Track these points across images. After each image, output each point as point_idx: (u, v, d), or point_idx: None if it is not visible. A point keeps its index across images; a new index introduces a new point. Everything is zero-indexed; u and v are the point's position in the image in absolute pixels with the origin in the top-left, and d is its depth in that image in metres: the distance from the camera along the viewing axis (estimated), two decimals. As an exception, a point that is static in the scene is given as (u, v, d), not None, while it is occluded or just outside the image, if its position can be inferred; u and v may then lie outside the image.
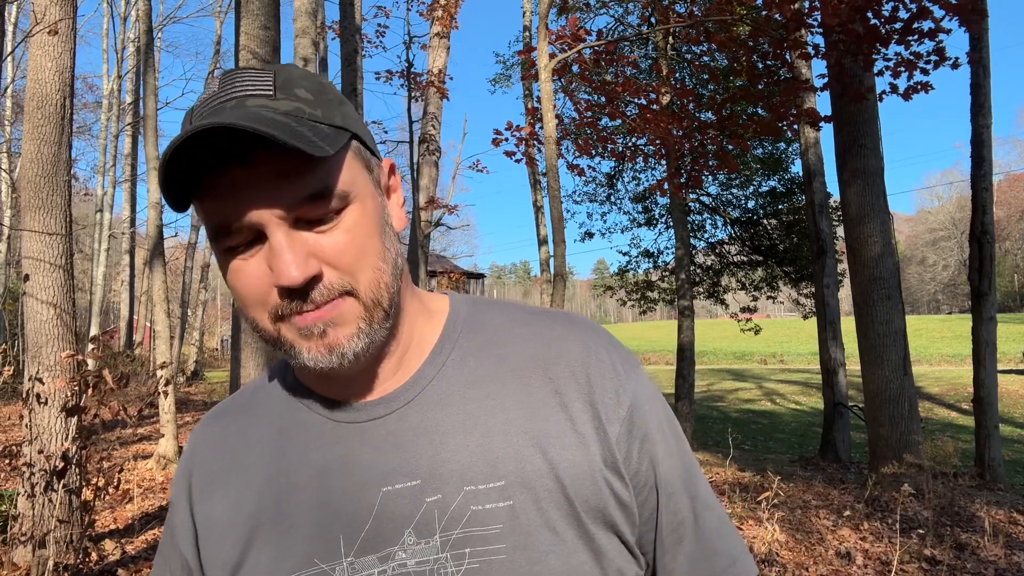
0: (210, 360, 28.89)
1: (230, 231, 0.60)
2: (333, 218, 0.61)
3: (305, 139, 0.56)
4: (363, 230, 0.62)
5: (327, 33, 12.78)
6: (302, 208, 0.59)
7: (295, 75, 0.64)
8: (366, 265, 0.62)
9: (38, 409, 4.32)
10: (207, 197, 0.59)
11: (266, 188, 0.58)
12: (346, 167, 0.62)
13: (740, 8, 6.62)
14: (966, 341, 8.17)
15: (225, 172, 0.58)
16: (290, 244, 0.59)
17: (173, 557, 0.74)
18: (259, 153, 0.57)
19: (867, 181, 7.09)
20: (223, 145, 0.57)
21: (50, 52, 4.61)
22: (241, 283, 0.62)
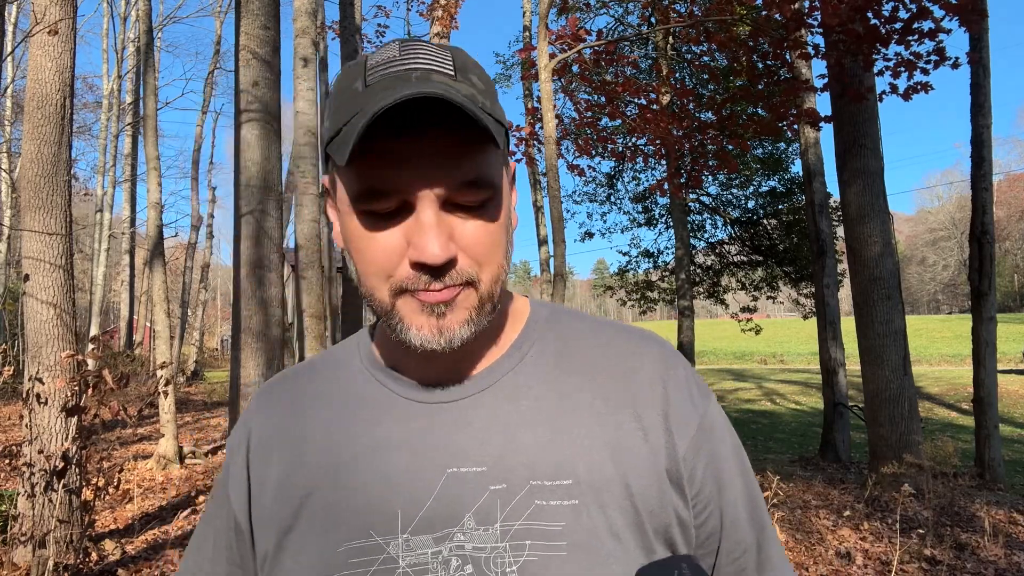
0: (210, 360, 28.88)
1: (380, 196, 0.60)
2: (477, 207, 0.62)
3: (489, 124, 0.57)
4: (498, 225, 0.63)
5: (327, 33, 12.78)
6: (458, 192, 0.60)
7: (468, 61, 0.65)
8: (493, 260, 0.63)
9: (38, 409, 4.32)
10: (371, 157, 0.60)
11: (431, 164, 0.59)
12: (498, 161, 0.64)
13: (740, 8, 6.62)
14: (966, 341, 8.17)
15: (398, 139, 0.59)
16: (438, 223, 0.60)
17: (220, 517, 0.74)
18: (433, 129, 0.59)
19: (867, 181, 7.09)
20: (403, 110, 0.58)
21: (50, 52, 4.61)
22: (372, 249, 0.62)
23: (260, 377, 6.12)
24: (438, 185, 0.59)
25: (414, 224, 0.60)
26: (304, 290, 9.28)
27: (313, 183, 9.51)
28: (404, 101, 0.56)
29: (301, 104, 9.39)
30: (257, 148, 6.28)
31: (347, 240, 0.66)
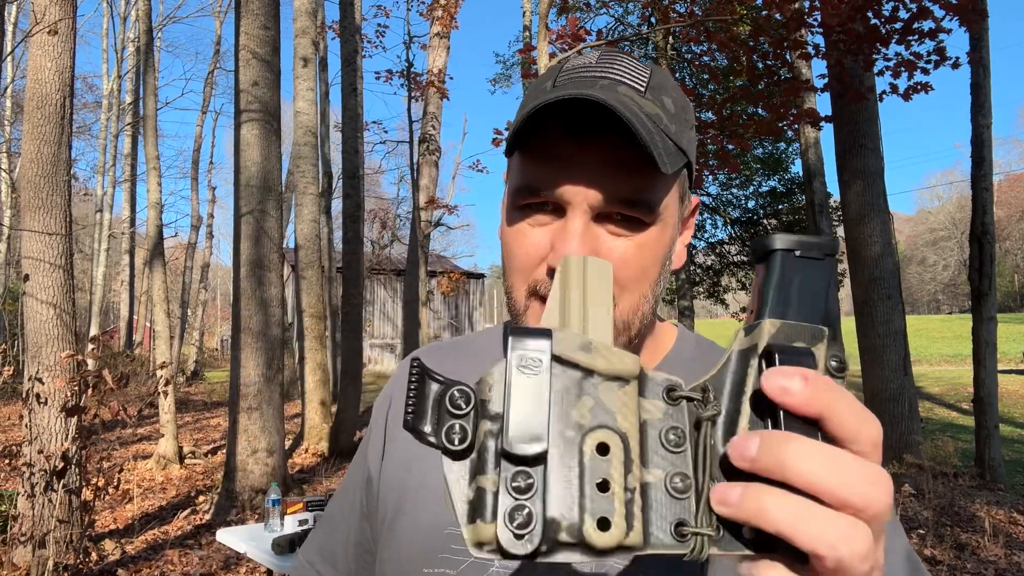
0: (210, 360, 28.87)
1: (535, 192, 0.61)
2: (632, 229, 0.61)
3: (657, 147, 0.56)
4: (652, 254, 0.62)
5: (327, 33, 12.77)
6: (613, 206, 0.59)
7: (668, 84, 0.64)
8: (637, 288, 0.62)
9: (38, 409, 4.31)
10: (536, 154, 0.60)
11: (592, 172, 0.59)
12: (667, 188, 0.62)
13: (740, 8, 6.62)
14: (966, 341, 8.17)
15: (565, 140, 0.59)
16: (583, 232, 0.59)
17: (359, 471, 0.79)
18: (603, 137, 0.58)
19: (867, 181, 7.08)
20: (575, 115, 0.58)
21: (50, 52, 4.61)
22: (518, 244, 0.63)
23: (260, 377, 6.12)
24: (592, 194, 0.59)
25: (560, 229, 0.60)
26: (304, 290, 9.27)
27: (313, 183, 9.51)
28: (574, 104, 0.56)
29: (301, 104, 9.39)
30: (257, 148, 6.27)
31: (501, 231, 0.66)
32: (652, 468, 0.32)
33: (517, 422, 0.31)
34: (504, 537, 0.30)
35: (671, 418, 0.33)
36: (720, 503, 0.30)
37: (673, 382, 0.34)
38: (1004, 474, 6.89)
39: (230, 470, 6.09)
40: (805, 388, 0.30)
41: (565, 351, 0.33)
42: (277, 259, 6.41)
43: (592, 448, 0.31)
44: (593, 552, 0.30)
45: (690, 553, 0.31)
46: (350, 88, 9.94)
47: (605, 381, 0.33)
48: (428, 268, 10.16)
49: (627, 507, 0.30)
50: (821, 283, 0.35)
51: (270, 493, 3.57)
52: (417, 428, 0.33)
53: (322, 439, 8.92)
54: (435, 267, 20.84)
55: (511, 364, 0.32)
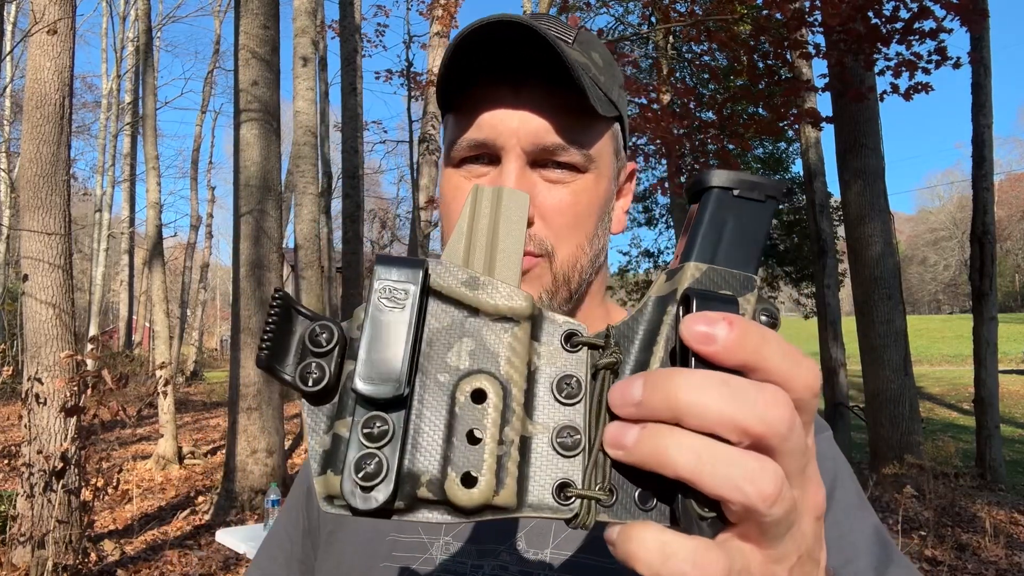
0: (209, 360, 28.87)
1: (468, 145, 0.60)
2: (567, 177, 0.60)
3: (588, 87, 0.55)
4: (587, 203, 0.60)
5: (327, 32, 12.77)
6: (547, 151, 0.58)
7: (595, 41, 0.64)
8: (573, 237, 0.60)
9: (37, 409, 4.30)
10: (467, 103, 0.59)
11: (523, 116, 0.58)
12: (601, 139, 0.61)
13: (741, 7, 6.61)
14: (967, 341, 8.16)
15: (493, 86, 0.58)
16: (518, 178, 0.58)
17: (299, 488, 0.78)
18: (532, 82, 0.57)
19: (868, 181, 7.08)
20: (500, 60, 0.56)
21: (49, 52, 4.60)
22: (453, 198, 0.61)
23: (259, 377, 6.11)
24: (526, 136, 0.58)
25: (496, 176, 0.59)
26: (304, 290, 9.27)
27: (313, 183, 9.51)
28: (499, 45, 0.54)
29: (300, 103, 9.39)
30: (256, 148, 6.26)
31: (440, 199, 0.65)
32: (538, 421, 0.28)
33: (370, 360, 0.27)
34: (347, 489, 0.26)
35: (567, 366, 0.29)
36: (613, 445, 0.26)
37: (573, 327, 0.30)
38: (1005, 474, 6.88)
39: (229, 470, 6.08)
40: (729, 334, 0.26)
41: (446, 286, 0.29)
42: (277, 259, 6.40)
43: (467, 395, 0.28)
44: (458, 511, 0.27)
45: (574, 519, 0.27)
46: (350, 88, 9.94)
47: (492, 321, 0.29)
48: (428, 268, 10.15)
49: (499, 462, 0.27)
50: (759, 227, 0.31)
51: (270, 493, 3.56)
52: (272, 367, 0.29)
53: (322, 439, 8.91)
54: (435, 267, 20.80)
55: (372, 296, 0.28)
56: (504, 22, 0.53)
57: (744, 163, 13.42)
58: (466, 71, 0.57)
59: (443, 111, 0.63)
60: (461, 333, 0.29)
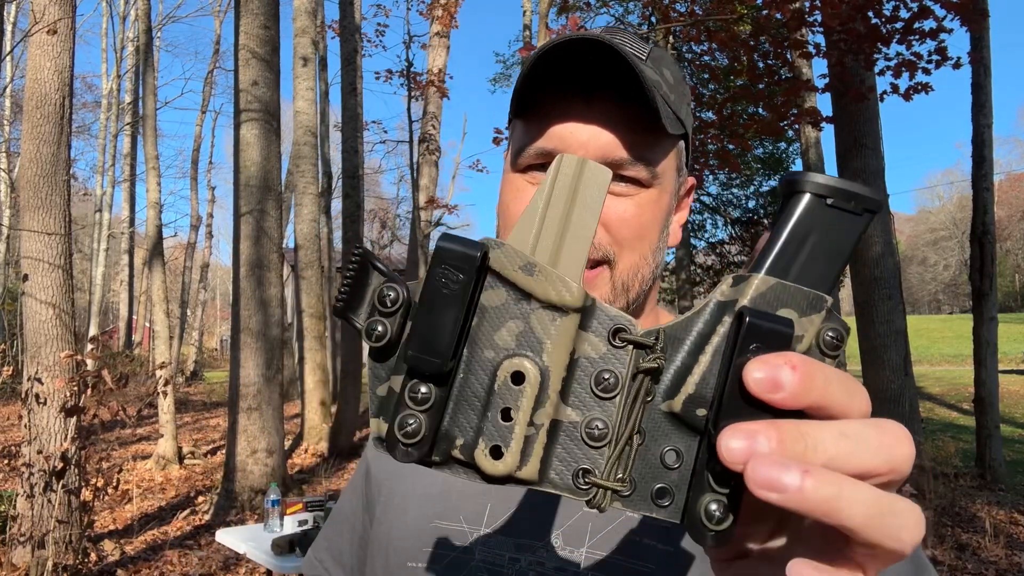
0: (209, 360, 28.87)
1: (536, 153, 0.61)
2: (632, 190, 0.61)
3: (660, 105, 0.57)
4: (651, 215, 0.62)
5: (327, 32, 12.77)
6: (614, 165, 0.59)
7: (668, 58, 0.65)
8: (636, 247, 0.62)
9: (37, 409, 4.30)
10: (539, 112, 0.61)
11: (594, 131, 0.59)
12: (667, 156, 0.63)
13: (741, 7, 6.61)
14: (967, 341, 8.16)
15: (566, 98, 0.59)
16: None
17: (362, 464, 0.80)
18: (605, 97, 0.59)
19: (868, 181, 7.07)
20: (576, 74, 0.58)
21: (49, 52, 4.60)
22: (516, 202, 0.63)
23: (260, 377, 6.11)
24: (595, 147, 0.59)
25: None
26: (304, 290, 9.26)
27: (313, 183, 9.50)
28: (576, 57, 0.56)
29: (301, 103, 9.39)
30: (256, 148, 6.26)
31: (499, 202, 0.66)
32: (572, 408, 0.30)
33: (422, 334, 0.29)
34: (391, 440, 0.29)
35: (609, 360, 0.30)
36: (768, 488, 0.24)
37: (623, 323, 0.30)
38: (1005, 474, 6.88)
39: (229, 470, 6.08)
40: (794, 380, 0.25)
41: (504, 268, 0.30)
42: (277, 259, 6.40)
43: (507, 374, 0.29)
44: (484, 477, 0.29)
45: (589, 502, 0.29)
46: (350, 88, 9.93)
47: (541, 308, 0.30)
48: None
49: (526, 441, 0.29)
50: (846, 243, 0.29)
51: (269, 493, 3.56)
52: (347, 315, 0.31)
53: (322, 439, 8.91)
54: (435, 267, 20.81)
55: (431, 271, 0.29)
56: (583, 39, 0.55)
57: (744, 163, 13.42)
58: (541, 81, 0.59)
59: (513, 117, 0.64)
60: (512, 315, 0.30)
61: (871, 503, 0.24)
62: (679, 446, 0.29)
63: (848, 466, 0.25)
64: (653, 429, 0.29)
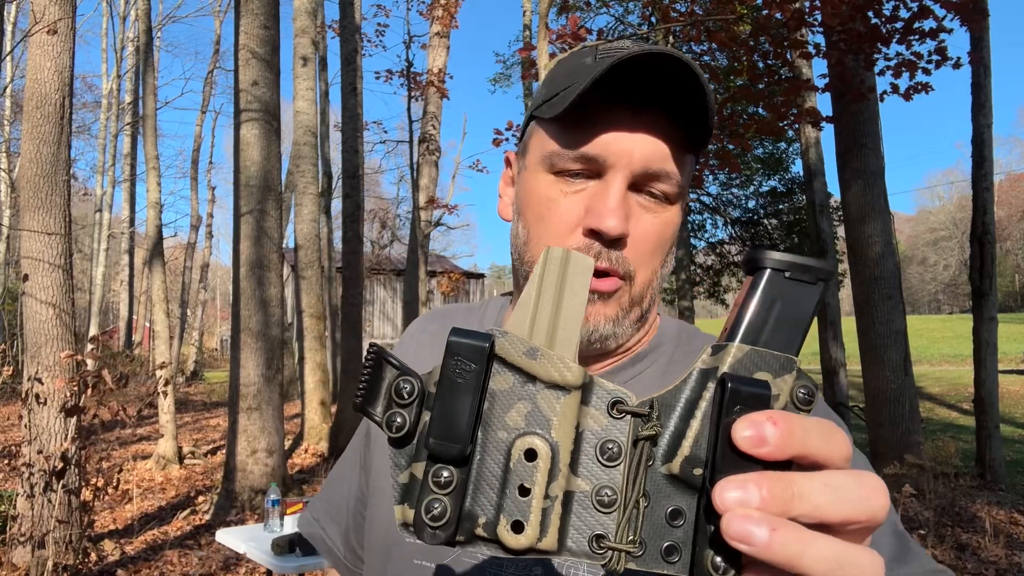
0: (209, 360, 28.87)
1: (577, 157, 0.61)
2: (659, 207, 0.62)
3: (711, 124, 0.58)
4: (669, 232, 0.64)
5: (327, 32, 12.77)
6: (651, 176, 0.60)
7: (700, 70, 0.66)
8: (652, 263, 0.63)
9: (37, 409, 4.30)
10: (581, 118, 0.61)
11: (638, 139, 0.59)
12: (688, 174, 0.64)
13: (741, 7, 6.61)
14: (967, 341, 8.16)
15: (614, 106, 0.60)
16: (622, 197, 0.60)
17: (362, 428, 0.80)
18: (653, 110, 0.59)
19: (868, 181, 7.08)
20: (629, 84, 0.58)
21: (49, 52, 4.60)
22: (552, 212, 0.63)
23: (260, 377, 6.11)
24: (639, 159, 0.59)
25: (599, 191, 0.61)
26: (304, 290, 9.26)
27: (313, 183, 9.50)
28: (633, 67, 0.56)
29: (301, 103, 9.38)
30: (257, 148, 6.26)
31: (524, 202, 0.66)
32: (582, 479, 0.32)
33: (441, 423, 0.31)
34: (418, 524, 0.31)
35: (610, 431, 0.32)
36: (740, 540, 0.27)
37: (620, 396, 0.33)
38: (1005, 474, 6.88)
39: (230, 470, 6.09)
40: (776, 434, 0.28)
41: (509, 354, 0.33)
42: (277, 259, 6.40)
43: (520, 452, 0.31)
44: (507, 549, 0.31)
45: (605, 566, 0.31)
46: (350, 88, 9.93)
47: (546, 388, 0.32)
48: (428, 268, 10.15)
49: (544, 513, 0.31)
50: (805, 309, 0.33)
51: (270, 493, 3.56)
52: (366, 410, 0.34)
53: (322, 439, 8.91)
54: (435, 267, 20.84)
55: (446, 363, 0.32)
56: (666, 55, 0.56)
57: (744, 163, 13.42)
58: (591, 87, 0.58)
59: (544, 116, 0.63)
60: (520, 396, 0.33)
61: (832, 557, 0.27)
62: (681, 505, 0.32)
63: (830, 515, 0.27)
64: (656, 491, 0.32)
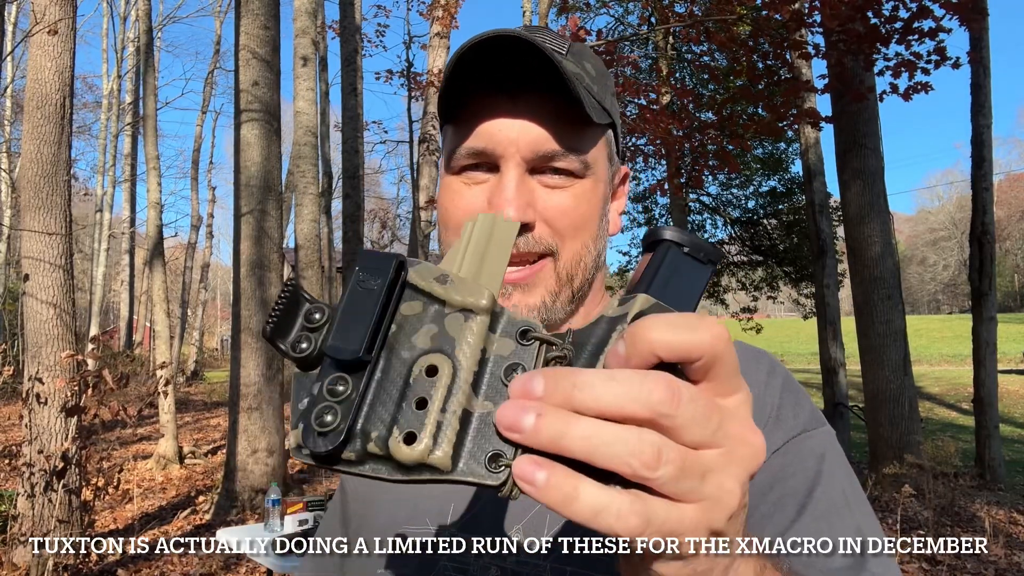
0: (210, 360, 28.85)
1: (468, 153, 0.62)
2: (566, 182, 0.62)
3: (584, 96, 0.57)
4: (588, 205, 0.63)
5: (327, 32, 12.77)
6: (546, 159, 0.60)
7: (588, 52, 0.66)
8: (578, 237, 0.63)
9: (38, 409, 4.31)
10: (467, 114, 0.61)
11: (522, 125, 0.60)
12: (596, 146, 0.63)
13: (740, 8, 6.61)
14: (966, 341, 8.16)
15: (491, 96, 0.60)
16: (518, 185, 0.60)
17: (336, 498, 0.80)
18: (529, 93, 0.59)
19: (867, 181, 7.08)
20: (498, 72, 0.58)
21: (50, 52, 4.60)
22: (454, 205, 0.63)
23: (260, 377, 6.11)
24: (525, 144, 0.60)
25: (496, 183, 0.61)
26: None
27: (313, 183, 9.51)
28: (496, 56, 0.56)
29: (301, 104, 9.39)
30: (257, 148, 6.27)
31: (438, 204, 0.67)
32: (483, 399, 0.32)
33: (341, 328, 0.31)
34: (306, 435, 0.30)
35: (517, 356, 0.33)
36: (509, 429, 0.29)
37: (530, 324, 0.33)
38: (1004, 474, 6.89)
39: (230, 470, 6.09)
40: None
41: (420, 280, 0.34)
42: (277, 259, 6.41)
43: (422, 368, 0.32)
44: (399, 467, 0.31)
45: (501, 487, 0.30)
46: (350, 88, 9.94)
47: (454, 312, 0.33)
48: (428, 268, 10.15)
49: (439, 427, 0.30)
50: (697, 285, 0.36)
51: (270, 493, 3.56)
52: (273, 340, 0.34)
53: (322, 439, 8.91)
54: (435, 267, 20.78)
55: (353, 277, 0.32)
56: (501, 36, 0.56)
57: (744, 163, 13.42)
58: (465, 83, 0.59)
59: (443, 122, 0.65)
60: (428, 320, 0.33)
61: (589, 436, 0.28)
62: None
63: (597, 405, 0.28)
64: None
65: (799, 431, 0.63)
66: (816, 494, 0.60)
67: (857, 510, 0.61)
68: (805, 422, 0.64)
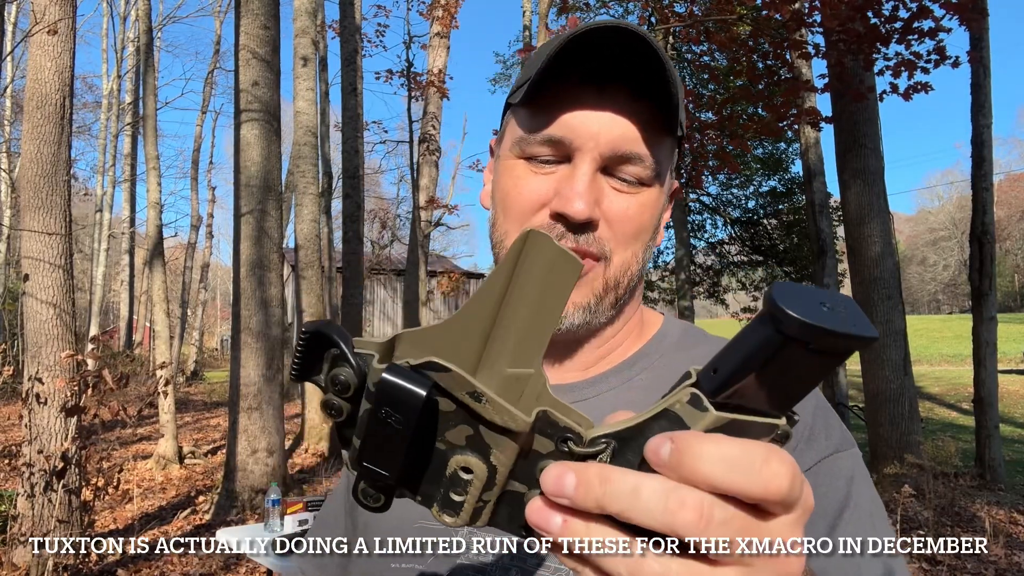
0: (210, 360, 28.86)
1: (543, 140, 0.60)
2: (635, 188, 0.61)
3: (680, 104, 0.57)
4: (649, 214, 0.62)
5: (327, 32, 12.78)
6: (622, 158, 0.59)
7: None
8: (631, 245, 0.62)
9: (38, 409, 4.31)
10: (550, 100, 0.59)
11: (604, 119, 0.58)
12: (667, 156, 0.63)
13: (740, 8, 6.61)
14: (966, 341, 8.16)
15: (581, 87, 0.58)
16: (591, 181, 0.59)
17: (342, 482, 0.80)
18: (617, 88, 0.58)
19: (867, 181, 7.08)
20: (592, 62, 0.57)
21: (49, 52, 4.60)
22: (518, 191, 0.61)
23: (260, 377, 6.11)
24: (606, 141, 0.58)
25: (567, 175, 0.60)
26: (304, 290, 9.27)
27: (313, 183, 9.51)
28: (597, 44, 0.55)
29: (301, 104, 9.39)
30: (257, 148, 6.27)
31: (496, 187, 0.65)
32: (520, 483, 0.32)
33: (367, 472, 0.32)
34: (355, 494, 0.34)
35: (554, 456, 0.31)
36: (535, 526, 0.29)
37: (572, 433, 0.30)
38: (1004, 474, 6.89)
39: (230, 470, 6.09)
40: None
41: (453, 389, 0.30)
42: (277, 259, 6.41)
43: (458, 466, 0.31)
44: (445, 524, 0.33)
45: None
46: (350, 88, 9.94)
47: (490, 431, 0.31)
48: (428, 268, 10.16)
49: (474, 512, 0.32)
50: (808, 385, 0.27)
51: (270, 493, 3.56)
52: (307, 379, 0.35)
53: (322, 439, 8.92)
54: (435, 267, 20.83)
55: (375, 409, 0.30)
56: (616, 27, 0.54)
57: (744, 163, 13.42)
58: (556, 68, 0.57)
59: (519, 104, 0.62)
60: (462, 420, 0.31)
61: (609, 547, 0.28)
62: None
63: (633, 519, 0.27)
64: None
65: (831, 451, 0.63)
66: (845, 516, 0.60)
67: (883, 533, 0.62)
68: (837, 443, 0.64)
